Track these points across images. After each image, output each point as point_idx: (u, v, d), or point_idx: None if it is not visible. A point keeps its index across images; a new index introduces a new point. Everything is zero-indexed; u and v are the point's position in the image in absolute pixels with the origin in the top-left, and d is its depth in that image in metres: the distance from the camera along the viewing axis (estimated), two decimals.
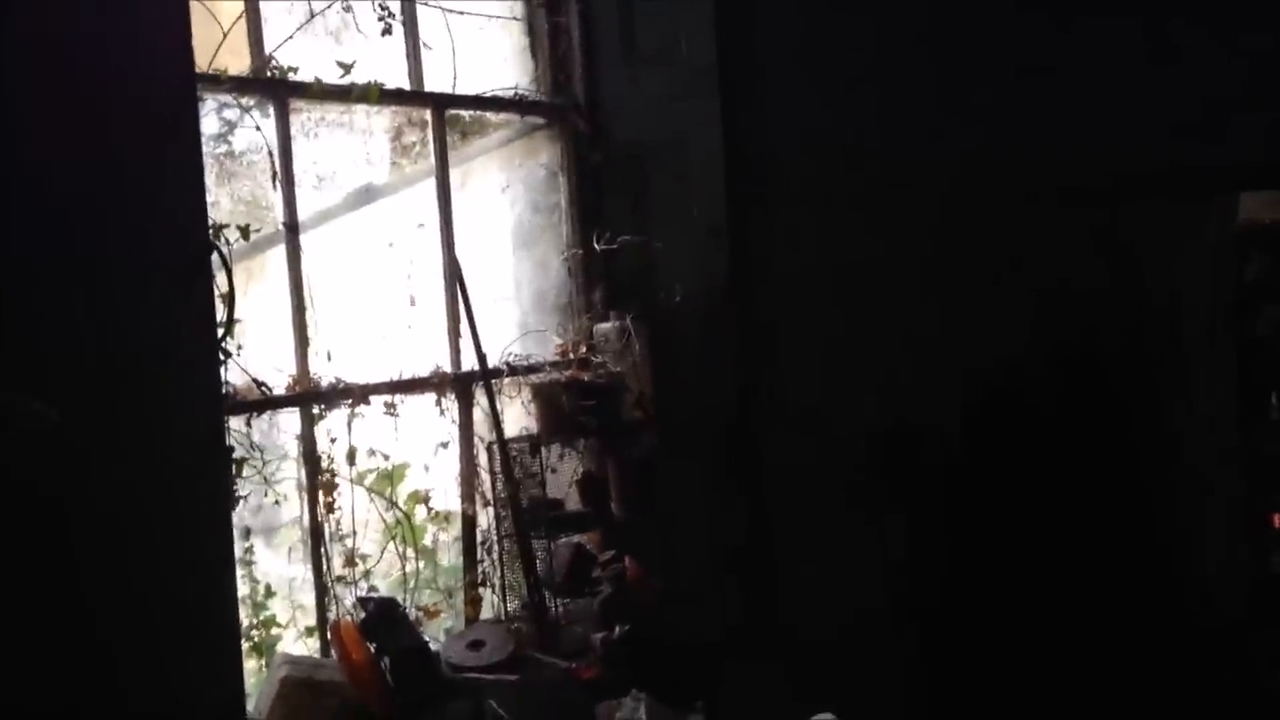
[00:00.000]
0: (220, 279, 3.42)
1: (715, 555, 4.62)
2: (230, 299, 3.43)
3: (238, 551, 3.76)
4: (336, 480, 4.01)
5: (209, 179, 3.79)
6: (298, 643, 4.03)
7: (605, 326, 4.76)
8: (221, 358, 3.33)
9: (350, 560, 4.05)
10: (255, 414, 3.78)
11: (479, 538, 4.46)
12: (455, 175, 4.56)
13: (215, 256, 3.37)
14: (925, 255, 4.46)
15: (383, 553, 4.15)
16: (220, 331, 3.34)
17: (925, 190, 4.43)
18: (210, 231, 3.37)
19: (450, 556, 4.48)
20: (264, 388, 3.74)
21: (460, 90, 4.58)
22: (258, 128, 3.91)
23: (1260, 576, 5.09)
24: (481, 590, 4.44)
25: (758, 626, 4.57)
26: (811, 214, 4.61)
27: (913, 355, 4.46)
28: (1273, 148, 4.01)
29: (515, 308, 4.84)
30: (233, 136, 3.94)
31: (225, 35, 3.82)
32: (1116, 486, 4.36)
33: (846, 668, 4.42)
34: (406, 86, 4.41)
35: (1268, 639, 4.88)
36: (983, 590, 4.41)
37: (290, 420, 3.99)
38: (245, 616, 3.84)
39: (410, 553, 4.24)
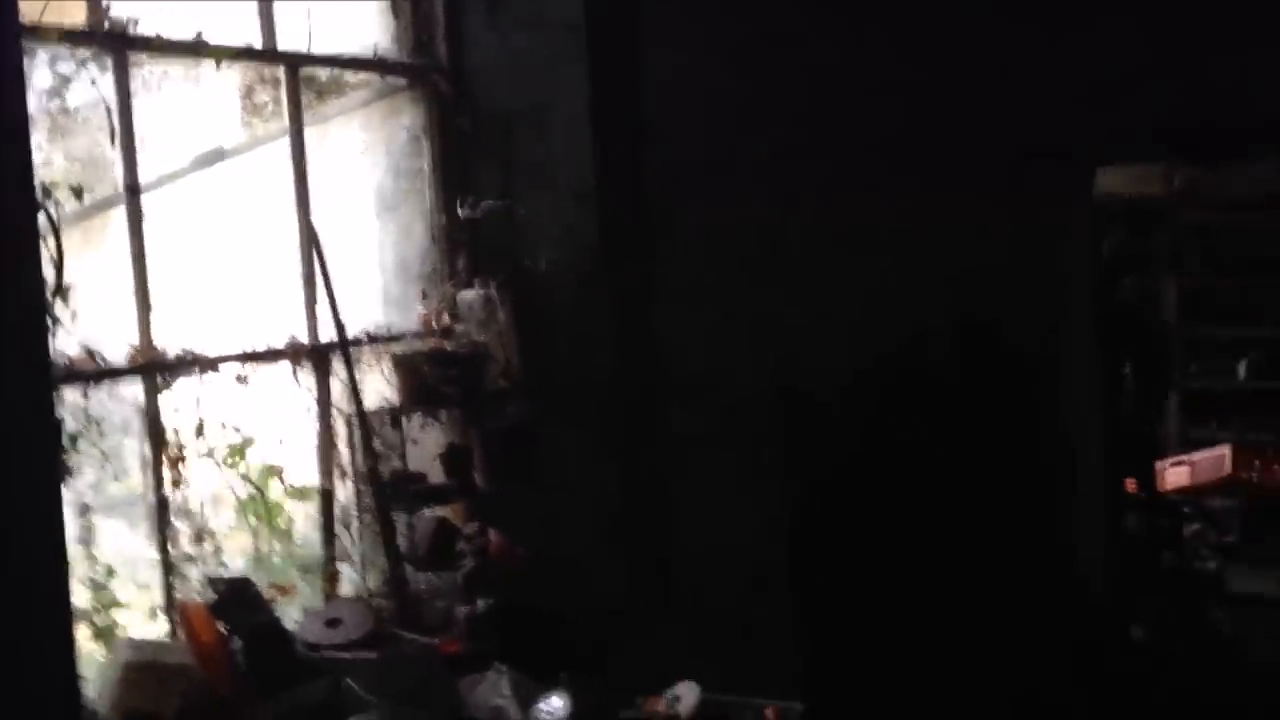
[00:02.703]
0: (50, 242, 3.23)
1: (594, 524, 4.56)
2: (59, 263, 3.23)
3: (75, 530, 3.58)
4: (183, 454, 3.84)
5: (40, 136, 3.59)
6: (144, 625, 3.85)
7: (469, 295, 4.65)
8: (50, 325, 3.13)
9: (199, 538, 3.89)
10: (93, 385, 3.59)
11: (338, 513, 4.33)
12: (312, 136, 4.39)
13: (44, 218, 3.17)
14: (820, 219, 4.42)
15: (231, 529, 3.99)
16: (50, 297, 3.14)
17: (823, 154, 4.38)
18: (39, 191, 3.16)
19: (308, 532, 4.34)
20: (97, 357, 3.55)
21: (317, 49, 4.40)
22: (93, 82, 3.70)
23: (1117, 539, 5.26)
24: (341, 567, 4.32)
25: (641, 593, 4.54)
26: (703, 176, 4.54)
27: (809, 318, 4.44)
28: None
29: (376, 276, 4.69)
30: (67, 91, 3.71)
31: None
32: (1002, 451, 4.42)
33: (733, 633, 4.42)
34: (258, 44, 4.22)
35: (1127, 597, 5.05)
36: (873, 551, 4.44)
37: (133, 391, 3.81)
38: (85, 599, 3.66)
39: (264, 529, 4.10)
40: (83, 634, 3.58)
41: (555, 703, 3.88)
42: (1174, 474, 6.76)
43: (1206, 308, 7.82)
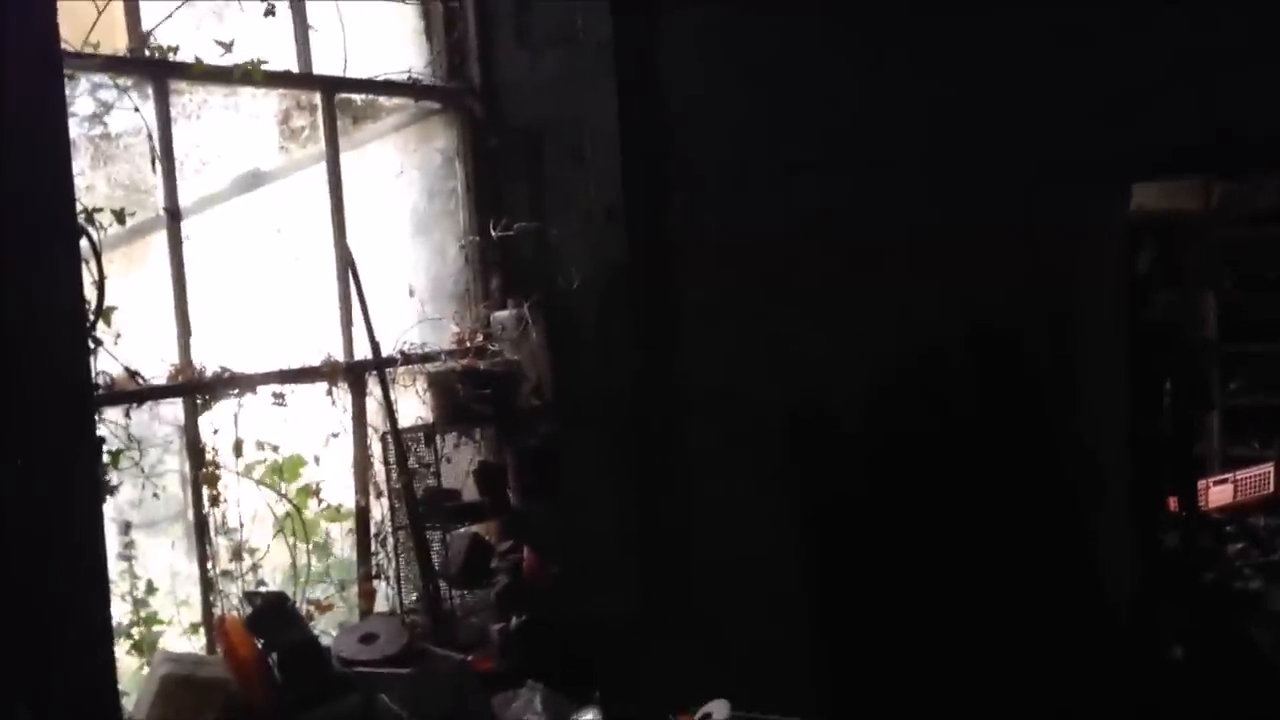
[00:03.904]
0: (92, 265, 3.30)
1: (618, 540, 4.57)
2: (100, 285, 3.30)
3: (116, 546, 3.65)
4: (221, 472, 3.91)
5: (83, 161, 3.68)
6: (182, 639, 3.91)
7: (502, 314, 4.70)
8: (92, 346, 3.20)
9: (237, 554, 3.95)
10: (134, 404, 3.66)
11: (373, 530, 4.37)
12: (347, 160, 4.46)
13: (85, 242, 3.24)
14: (838, 236, 4.42)
15: (269, 546, 4.04)
16: (91, 319, 3.22)
17: (838, 171, 4.39)
18: (81, 215, 3.25)
19: (344, 549, 4.38)
20: (138, 377, 3.62)
21: (352, 73, 4.47)
22: (136, 109, 3.78)
23: (1154, 556, 5.20)
24: (376, 583, 4.36)
25: (663, 609, 4.54)
26: (721, 195, 4.56)
27: (826, 336, 4.44)
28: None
29: (411, 295, 4.74)
30: (109, 118, 3.80)
31: (100, 11, 3.68)
32: (1025, 470, 4.39)
33: (753, 646, 4.41)
34: (295, 68, 4.30)
35: (1164, 614, 4.99)
36: (892, 569, 4.43)
37: (173, 411, 3.88)
38: (126, 613, 3.73)
39: (301, 546, 4.15)
40: (122, 647, 3.64)
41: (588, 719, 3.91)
42: (1216, 492, 6.69)
43: (1247, 324, 7.71)
